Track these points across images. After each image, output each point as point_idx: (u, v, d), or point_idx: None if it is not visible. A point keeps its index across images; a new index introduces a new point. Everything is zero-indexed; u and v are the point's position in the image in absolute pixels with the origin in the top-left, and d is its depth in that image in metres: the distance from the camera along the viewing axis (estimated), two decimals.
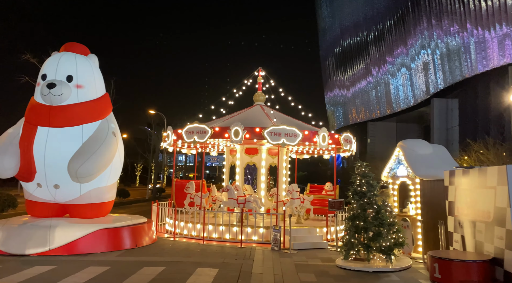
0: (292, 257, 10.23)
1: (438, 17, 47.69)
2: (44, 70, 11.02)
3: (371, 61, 68.61)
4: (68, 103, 10.75)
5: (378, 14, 65.46)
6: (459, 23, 44.01)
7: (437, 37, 48.26)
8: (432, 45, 49.78)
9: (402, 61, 59.18)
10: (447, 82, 48.32)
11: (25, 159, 10.60)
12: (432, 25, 49.01)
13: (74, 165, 10.08)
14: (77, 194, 10.99)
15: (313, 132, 12.99)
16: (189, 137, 13.09)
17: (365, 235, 8.93)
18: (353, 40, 74.10)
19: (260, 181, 14.97)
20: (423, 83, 54.34)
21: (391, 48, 61.27)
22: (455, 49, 45.33)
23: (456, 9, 44.27)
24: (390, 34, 61.33)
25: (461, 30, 43.82)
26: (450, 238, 9.72)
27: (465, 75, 44.72)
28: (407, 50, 56.92)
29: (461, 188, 9.08)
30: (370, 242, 8.82)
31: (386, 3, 62.98)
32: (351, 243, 9.07)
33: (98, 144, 10.62)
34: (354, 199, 9.33)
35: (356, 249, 9.03)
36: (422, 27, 51.87)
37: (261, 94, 16.40)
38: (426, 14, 50.20)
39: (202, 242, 12.06)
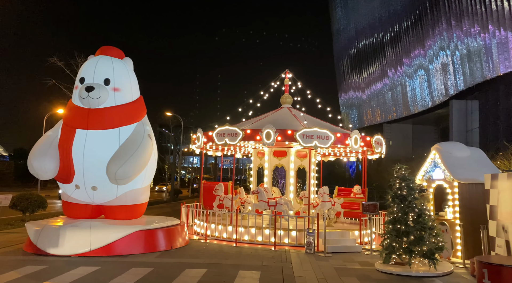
0: (329, 261, 10.18)
1: (458, 18, 47.06)
2: (82, 73, 11.20)
3: (387, 63, 68.12)
4: (105, 106, 10.89)
5: (394, 15, 64.95)
6: (481, 24, 43.35)
7: (457, 38, 47.62)
8: (451, 46, 49.14)
9: (419, 62, 58.60)
10: (467, 83, 47.68)
11: (64, 161, 10.78)
12: (452, 26, 48.39)
13: (113, 167, 10.20)
14: (114, 195, 11.12)
15: (345, 135, 12.94)
16: (220, 140, 13.16)
17: (406, 239, 8.83)
18: (368, 42, 73.66)
19: (288, 183, 14.96)
20: (442, 84, 53.70)
21: (408, 50, 60.71)
22: (476, 50, 44.67)
23: (478, 9, 43.65)
24: (407, 35, 60.77)
25: (482, 31, 43.15)
26: (492, 243, 9.56)
27: (487, 76, 44.05)
28: (425, 51, 56.32)
29: (505, 192, 8.93)
30: (412, 246, 8.72)
31: (403, 4, 62.45)
32: (392, 247, 8.99)
33: (135, 147, 10.74)
34: (395, 203, 9.24)
35: (397, 253, 8.93)
36: (441, 28, 51.26)
37: (288, 96, 16.40)
38: (446, 15, 49.59)
39: (234, 244, 12.09)
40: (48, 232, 10.03)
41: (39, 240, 9.98)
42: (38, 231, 10.15)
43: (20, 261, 9.04)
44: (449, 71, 50.89)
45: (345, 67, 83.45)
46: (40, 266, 8.56)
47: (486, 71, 43.82)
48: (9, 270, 8.13)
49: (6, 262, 8.94)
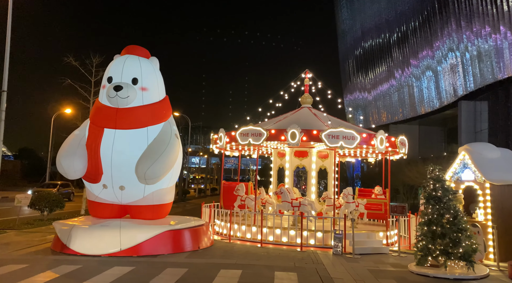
0: (359, 262, 10.09)
1: (469, 18, 46.83)
2: (109, 72, 11.16)
3: (394, 64, 67.90)
4: (133, 105, 10.84)
5: (402, 16, 64.71)
6: (492, 24, 43.12)
7: (467, 39, 47.39)
8: (461, 47, 48.92)
9: (427, 63, 58.38)
10: (477, 84, 47.43)
11: (92, 161, 10.74)
12: (462, 26, 48.15)
13: (142, 167, 10.16)
14: (141, 195, 11.07)
15: (370, 135, 12.85)
16: (243, 140, 13.10)
17: (442, 241, 8.73)
18: (375, 42, 73.48)
19: (310, 184, 14.86)
20: (450, 85, 53.44)
21: (416, 50, 60.51)
22: (487, 51, 44.44)
23: (488, 10, 43.41)
24: (415, 36, 60.55)
25: (493, 32, 42.91)
26: None
27: (498, 77, 43.79)
28: (433, 52, 56.10)
29: None
30: (448, 248, 8.62)
31: (411, 4, 62.19)
32: (428, 249, 8.89)
33: (164, 146, 10.69)
34: (430, 204, 9.15)
35: (433, 255, 8.83)
36: (450, 29, 51.04)
37: (308, 96, 16.33)
38: (455, 15, 49.36)
39: (259, 245, 12.02)
40: (79, 231, 9.98)
41: (69, 239, 9.93)
42: (68, 230, 10.11)
43: (53, 261, 9.00)
44: (459, 72, 50.66)
45: (350, 68, 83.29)
46: (74, 265, 8.52)
47: (497, 72, 43.59)
48: (45, 269, 8.10)
49: (39, 261, 8.91)
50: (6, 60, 15.12)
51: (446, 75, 53.62)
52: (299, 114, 15.08)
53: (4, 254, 9.65)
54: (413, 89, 63.10)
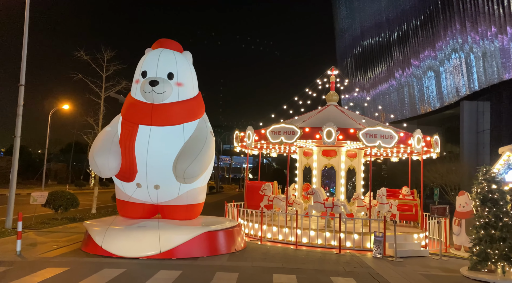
0: (406, 266, 9.76)
1: (474, 18, 46.76)
2: (144, 66, 10.67)
3: (394, 63, 67.80)
4: (169, 101, 10.38)
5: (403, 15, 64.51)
6: (498, 25, 43.06)
7: (472, 41, 47.32)
8: (465, 47, 48.86)
9: (429, 63, 58.30)
10: (482, 84, 47.44)
11: (127, 159, 10.28)
12: (467, 27, 48.08)
13: (182, 165, 9.72)
14: (175, 194, 10.64)
15: (407, 134, 12.53)
16: (275, 138, 12.69)
17: (502, 245, 8.40)
18: (374, 41, 73.30)
19: (339, 184, 14.50)
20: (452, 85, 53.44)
21: (417, 50, 60.42)
22: (492, 52, 44.41)
23: (495, 10, 43.36)
24: (416, 36, 60.43)
25: (499, 32, 42.85)
26: None
27: (503, 77, 43.79)
28: (435, 52, 56.01)
29: None
30: (510, 253, 8.30)
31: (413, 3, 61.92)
32: (486, 253, 8.57)
33: (202, 144, 10.26)
34: (486, 206, 8.82)
35: (492, 260, 8.51)
36: (453, 29, 50.94)
37: (335, 94, 15.96)
38: (460, 15, 49.28)
39: (294, 247, 11.63)
40: (114, 233, 9.53)
41: (104, 240, 9.47)
42: (102, 231, 9.65)
43: (92, 264, 8.55)
44: (462, 72, 50.63)
45: (349, 67, 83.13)
46: (117, 269, 8.07)
47: (503, 72, 43.58)
48: (89, 273, 7.65)
49: (79, 264, 8.46)
50: (24, 54, 14.55)
51: (448, 75, 53.60)
52: (328, 112, 14.69)
53: (37, 257, 9.17)
54: (413, 89, 63.03)
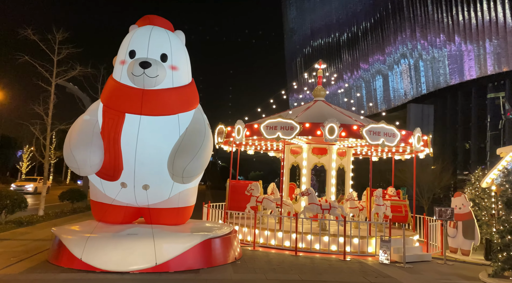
0: (422, 273, 9.14)
1: (423, 25, 48.71)
2: (131, 45, 9.03)
3: (343, 66, 69.39)
4: (162, 87, 8.87)
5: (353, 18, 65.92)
6: (446, 33, 45.12)
7: (421, 46, 49.26)
8: (415, 53, 50.80)
9: (378, 66, 60.17)
10: (429, 88, 49.66)
11: (111, 154, 8.64)
12: (416, 33, 50.01)
13: (181, 162, 8.31)
14: (166, 196, 9.17)
15: (408, 132, 12.02)
16: (270, 133, 11.60)
17: None
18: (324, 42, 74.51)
19: (330, 184, 13.71)
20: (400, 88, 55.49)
21: (366, 53, 62.18)
22: (440, 58, 46.52)
23: (444, 19, 45.41)
24: (366, 39, 62.12)
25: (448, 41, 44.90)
26: None
27: (450, 82, 46.09)
28: (384, 56, 57.87)
29: None
30: None
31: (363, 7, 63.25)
32: None
33: (202, 138, 8.89)
34: (511, 210, 8.39)
35: None
36: (404, 34, 52.80)
37: (322, 89, 15.20)
38: (410, 21, 51.18)
39: (294, 253, 10.62)
40: (99, 242, 7.88)
41: (85, 252, 7.79)
42: (81, 241, 7.95)
43: (74, 282, 6.89)
44: (410, 76, 52.71)
45: (298, 67, 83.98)
46: None
47: (449, 77, 45.87)
48: None
49: None
50: None
51: (397, 79, 55.67)
52: (319, 108, 13.84)
53: None
54: (361, 91, 64.96)
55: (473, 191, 12.94)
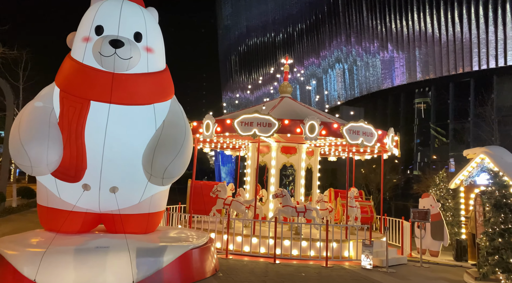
0: (410, 278, 8.84)
1: (358, 32, 50.70)
2: (97, 20, 7.50)
3: (278, 66, 70.12)
4: (135, 71, 7.51)
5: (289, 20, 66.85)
6: (380, 40, 47.30)
7: (356, 52, 51.21)
8: (349, 58, 52.70)
9: (313, 69, 61.63)
10: (362, 91, 51.84)
11: (73, 149, 7.09)
12: (351, 39, 51.92)
13: (162, 161, 7.06)
14: (137, 199, 7.81)
15: (384, 132, 11.78)
16: (245, 130, 10.63)
17: None
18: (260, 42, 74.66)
19: (299, 185, 13.07)
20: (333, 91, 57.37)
21: (301, 55, 63.41)
22: (373, 63, 48.73)
23: (378, 26, 47.58)
24: (302, 42, 63.34)
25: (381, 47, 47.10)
26: None
27: (381, 86, 48.47)
28: (319, 59, 59.44)
29: None
30: None
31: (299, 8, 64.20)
32: (506, 263, 8.04)
33: (182, 133, 7.68)
34: (501, 212, 8.34)
35: None
36: (339, 38, 54.57)
37: (289, 85, 14.58)
38: (345, 27, 53.03)
39: (272, 261, 9.76)
40: (59, 259, 6.33)
41: (40, 272, 6.20)
42: (33, 257, 6.34)
43: None
44: (345, 79, 54.67)
45: (232, 65, 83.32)
46: None
47: (381, 82, 48.24)
48: None
49: None
50: None
51: (331, 82, 57.47)
52: (289, 105, 13.13)
53: None
54: (296, 92, 66.15)
55: (438, 192, 13.15)
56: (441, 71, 41.02)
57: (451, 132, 38.23)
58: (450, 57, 40.06)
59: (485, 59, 36.64)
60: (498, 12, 34.35)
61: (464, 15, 37.11)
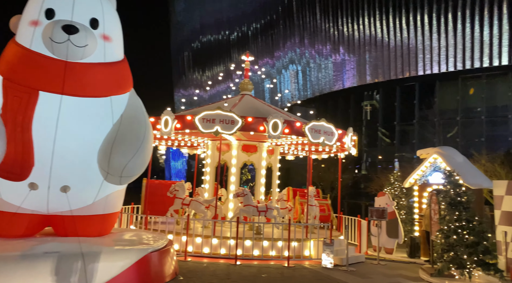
0: (372, 277, 8.93)
1: (312, 34, 51.62)
2: (48, 2, 6.81)
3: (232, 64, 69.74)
4: (91, 61, 6.93)
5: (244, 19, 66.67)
6: (332, 43, 48.42)
7: (309, 54, 52.07)
8: (303, 60, 53.48)
9: (267, 69, 61.94)
10: (314, 92, 52.83)
11: (18, 144, 6.39)
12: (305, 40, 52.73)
13: (121, 158, 6.58)
14: (91, 200, 7.22)
15: (343, 132, 11.88)
16: (207, 127, 10.27)
17: (478, 250, 8.30)
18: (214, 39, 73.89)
19: (259, 184, 12.87)
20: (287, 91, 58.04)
21: (256, 55, 63.46)
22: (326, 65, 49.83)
23: (330, 29, 48.71)
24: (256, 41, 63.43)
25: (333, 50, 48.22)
26: (499, 247, 9.93)
27: (333, 88, 49.70)
28: (273, 60, 59.86)
29: None
30: (484, 257, 8.26)
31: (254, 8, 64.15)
32: (460, 259, 8.34)
33: (143, 129, 7.21)
34: (457, 210, 8.65)
35: (467, 265, 8.31)
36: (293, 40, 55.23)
37: (249, 83, 14.35)
38: (299, 28, 53.79)
39: (234, 262, 9.49)
40: (6, 266, 5.63)
41: None
42: None
43: None
44: (298, 80, 55.47)
45: (186, 62, 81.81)
46: None
47: (333, 83, 49.47)
48: None
49: None
50: None
51: (284, 82, 58.11)
52: (251, 103, 12.91)
53: None
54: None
55: (392, 190, 13.51)
56: (389, 74, 42.73)
57: (397, 134, 39.97)
58: (397, 61, 41.79)
59: (429, 64, 38.62)
60: (441, 21, 36.34)
61: (411, 22, 38.88)
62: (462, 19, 35.12)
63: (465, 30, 35.08)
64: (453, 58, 36.62)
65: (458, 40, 35.69)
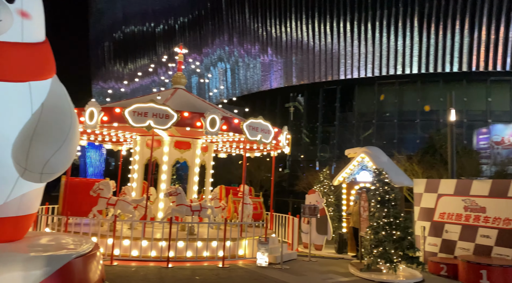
0: (306, 274, 9.00)
1: (241, 33, 51.78)
2: None
3: (158, 59, 67.45)
4: (6, 40, 6.00)
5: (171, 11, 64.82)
6: (261, 44, 49.03)
7: (238, 53, 52.17)
8: (232, 58, 53.49)
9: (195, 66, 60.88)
10: (243, 92, 53.13)
11: None
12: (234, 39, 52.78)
13: (42, 153, 5.76)
14: (2, 200, 6.24)
15: (279, 130, 11.87)
16: (138, 121, 9.57)
17: (403, 245, 8.75)
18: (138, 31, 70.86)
19: (192, 182, 12.36)
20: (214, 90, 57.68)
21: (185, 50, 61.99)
22: (254, 65, 50.34)
23: (259, 30, 49.29)
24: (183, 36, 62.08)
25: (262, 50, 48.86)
26: (417, 242, 10.65)
27: (261, 88, 50.39)
28: (201, 56, 59.03)
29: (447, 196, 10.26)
30: (408, 252, 8.73)
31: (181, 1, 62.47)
32: (388, 254, 8.71)
33: (68, 120, 6.40)
34: (385, 207, 9.03)
35: (395, 260, 8.71)
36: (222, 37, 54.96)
37: (183, 76, 13.77)
38: (228, 27, 53.70)
39: (166, 265, 8.95)
40: None
41: None
42: None
43: None
44: (226, 79, 55.35)
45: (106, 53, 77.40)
46: None
47: (261, 83, 50.15)
48: None
49: None
50: None
51: (213, 80, 57.59)
52: (185, 97, 12.34)
53: None
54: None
55: (322, 188, 13.87)
56: (314, 77, 44.37)
57: (320, 135, 41.70)
58: (321, 65, 43.54)
59: (349, 69, 40.80)
60: (361, 29, 38.57)
61: (335, 28, 40.73)
62: (380, 28, 37.62)
63: (382, 39, 37.65)
64: (371, 64, 39.08)
65: (376, 48, 38.17)
